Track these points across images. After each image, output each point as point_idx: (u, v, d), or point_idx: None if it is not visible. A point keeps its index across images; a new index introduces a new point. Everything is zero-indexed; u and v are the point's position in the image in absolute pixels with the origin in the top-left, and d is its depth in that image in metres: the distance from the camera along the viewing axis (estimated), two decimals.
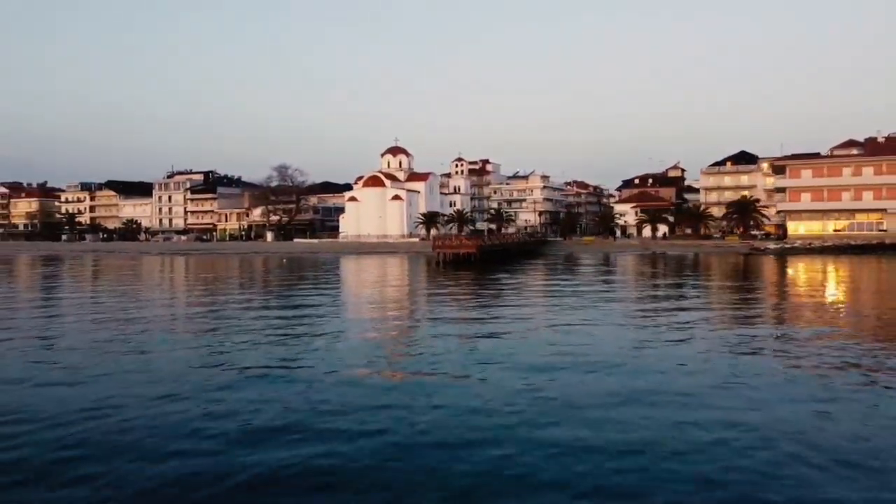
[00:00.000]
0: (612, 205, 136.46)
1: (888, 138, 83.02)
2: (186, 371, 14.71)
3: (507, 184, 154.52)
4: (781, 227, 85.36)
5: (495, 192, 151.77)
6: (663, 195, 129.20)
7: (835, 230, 78.90)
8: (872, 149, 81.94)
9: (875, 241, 74.21)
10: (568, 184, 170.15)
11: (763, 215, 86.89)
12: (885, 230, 76.79)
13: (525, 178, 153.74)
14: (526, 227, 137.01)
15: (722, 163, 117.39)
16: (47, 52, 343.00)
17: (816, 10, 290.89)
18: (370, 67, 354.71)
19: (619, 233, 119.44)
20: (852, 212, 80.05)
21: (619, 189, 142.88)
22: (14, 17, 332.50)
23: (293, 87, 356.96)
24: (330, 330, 21.13)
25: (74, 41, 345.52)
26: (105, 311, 27.31)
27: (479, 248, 60.56)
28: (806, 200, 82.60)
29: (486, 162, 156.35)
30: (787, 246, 77.18)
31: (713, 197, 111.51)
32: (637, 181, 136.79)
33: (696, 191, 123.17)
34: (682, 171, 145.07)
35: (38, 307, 30.29)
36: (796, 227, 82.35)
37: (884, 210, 78.13)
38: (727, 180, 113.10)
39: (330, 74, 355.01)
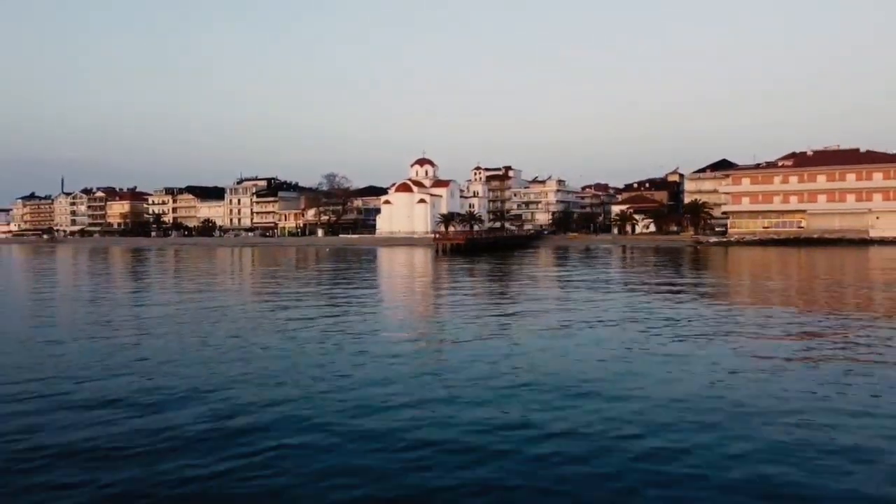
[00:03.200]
0: (612, 205, 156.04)
1: (815, 153, 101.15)
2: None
3: (527, 187, 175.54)
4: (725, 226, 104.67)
5: (515, 195, 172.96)
6: (657, 197, 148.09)
7: (764, 227, 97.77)
8: (799, 161, 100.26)
9: (793, 237, 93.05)
10: (587, 187, 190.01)
11: (711, 215, 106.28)
12: (803, 227, 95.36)
13: (542, 182, 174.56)
14: (541, 226, 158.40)
15: (703, 170, 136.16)
16: (133, 72, 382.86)
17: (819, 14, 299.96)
18: (407, 79, 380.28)
19: (615, 230, 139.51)
20: (781, 212, 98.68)
21: (619, 192, 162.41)
22: (104, 36, 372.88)
23: (341, 102, 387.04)
24: (367, 277, 44.35)
25: (154, 63, 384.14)
26: (204, 277, 51.39)
27: (466, 240, 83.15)
28: (745, 203, 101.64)
29: (508, 168, 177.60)
30: (723, 239, 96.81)
31: (695, 199, 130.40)
32: (636, 185, 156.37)
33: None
34: (681, 175, 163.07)
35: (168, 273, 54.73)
36: (738, 224, 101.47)
37: (804, 211, 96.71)
38: (707, 185, 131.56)
39: (372, 88, 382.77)
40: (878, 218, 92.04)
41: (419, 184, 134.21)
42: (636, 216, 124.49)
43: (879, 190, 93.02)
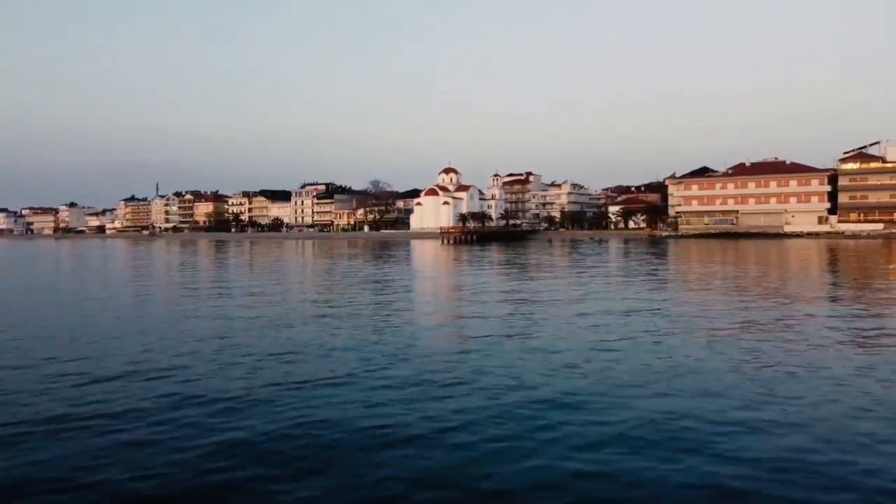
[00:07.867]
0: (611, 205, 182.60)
1: (752, 164, 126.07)
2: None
3: (545, 190, 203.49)
4: (677, 222, 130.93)
5: (534, 197, 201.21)
6: (650, 199, 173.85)
7: (705, 224, 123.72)
8: (739, 170, 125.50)
9: (725, 231, 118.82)
10: (606, 189, 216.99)
11: (667, 215, 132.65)
12: (735, 224, 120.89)
13: (558, 186, 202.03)
14: (553, 224, 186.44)
15: (685, 176, 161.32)
16: (216, 88, 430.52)
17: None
18: (448, 95, 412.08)
19: (609, 227, 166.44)
20: (720, 212, 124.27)
21: (617, 194, 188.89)
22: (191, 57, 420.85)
23: (390, 116, 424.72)
24: (401, 254, 75.60)
25: (232, 82, 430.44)
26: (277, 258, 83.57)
27: (464, 233, 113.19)
28: (694, 205, 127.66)
29: (529, 174, 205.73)
30: (673, 233, 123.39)
31: (676, 200, 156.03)
32: (632, 188, 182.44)
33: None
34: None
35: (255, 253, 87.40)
36: (688, 221, 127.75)
37: (737, 211, 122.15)
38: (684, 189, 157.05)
39: (417, 104, 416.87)
40: (793, 217, 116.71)
41: (444, 188, 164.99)
42: (611, 215, 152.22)
43: (794, 194, 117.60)
